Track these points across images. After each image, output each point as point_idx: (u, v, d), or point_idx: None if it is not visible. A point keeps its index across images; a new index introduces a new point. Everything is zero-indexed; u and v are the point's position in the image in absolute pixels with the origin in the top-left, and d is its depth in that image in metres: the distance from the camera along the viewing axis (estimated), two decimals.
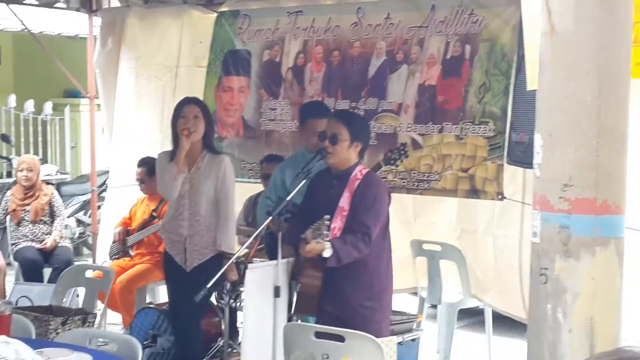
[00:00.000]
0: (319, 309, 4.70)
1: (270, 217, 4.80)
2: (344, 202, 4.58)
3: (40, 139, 11.30)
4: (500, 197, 5.93)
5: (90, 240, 9.25)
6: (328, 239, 4.33)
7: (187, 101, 5.54)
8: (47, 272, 7.59)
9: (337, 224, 4.53)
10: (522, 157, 5.50)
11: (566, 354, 3.42)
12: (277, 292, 4.71)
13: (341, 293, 4.61)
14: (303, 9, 6.86)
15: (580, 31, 3.36)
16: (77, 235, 10.20)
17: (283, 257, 4.73)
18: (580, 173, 3.40)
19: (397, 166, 6.07)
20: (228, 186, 5.46)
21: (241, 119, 7.21)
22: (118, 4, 7.89)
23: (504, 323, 6.76)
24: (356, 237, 4.47)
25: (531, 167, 4.02)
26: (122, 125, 7.77)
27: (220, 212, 5.43)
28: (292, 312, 4.96)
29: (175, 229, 5.49)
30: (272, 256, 5.33)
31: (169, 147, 5.63)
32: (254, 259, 5.71)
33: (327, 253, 4.38)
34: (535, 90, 3.68)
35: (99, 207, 8.39)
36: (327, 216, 4.31)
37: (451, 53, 6.15)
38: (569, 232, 3.42)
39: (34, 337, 4.23)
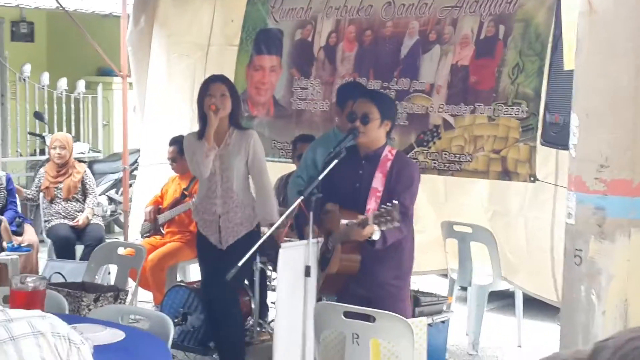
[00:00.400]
0: (344, 288, 4.69)
1: (302, 197, 4.80)
2: (377, 183, 4.57)
3: (72, 117, 11.37)
4: (532, 179, 5.89)
5: (121, 218, 9.31)
6: (397, 224, 4.26)
7: (214, 79, 5.53)
8: (79, 249, 7.66)
9: (372, 205, 4.52)
10: (556, 138, 5.46)
11: (599, 336, 3.39)
12: (307, 272, 4.71)
13: (371, 273, 4.60)
14: None
15: (619, 11, 3.32)
16: (108, 213, 10.28)
17: (313, 237, 4.72)
18: (616, 154, 3.36)
19: (429, 148, 6.05)
20: (260, 159, 5.46)
21: (272, 98, 7.21)
22: None
23: (534, 306, 6.73)
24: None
25: (565, 149, 3.99)
26: (154, 103, 7.80)
27: (257, 185, 5.45)
28: (318, 292, 4.97)
29: (209, 207, 5.50)
30: (302, 236, 5.34)
31: (197, 126, 5.63)
32: (285, 239, 5.72)
33: (377, 235, 4.36)
34: (571, 70, 3.63)
35: (130, 185, 8.44)
36: (396, 201, 4.26)
37: (485, 33, 6.10)
38: (604, 214, 3.39)
39: (67, 312, 4.28)
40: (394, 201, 4.24)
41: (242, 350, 5.69)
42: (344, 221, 4.53)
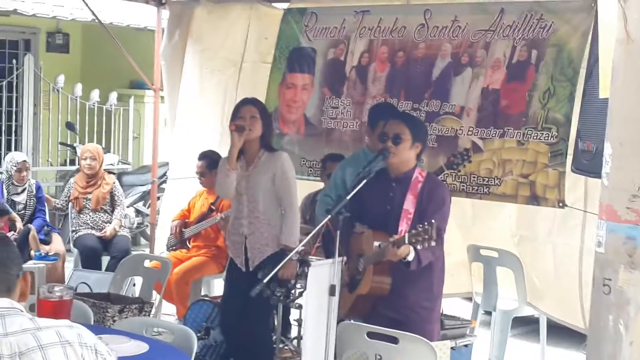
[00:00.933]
0: (372, 311, 4.67)
1: (329, 216, 4.80)
2: (409, 204, 4.56)
3: (103, 128, 11.47)
4: (561, 204, 5.86)
5: (148, 231, 9.36)
6: (434, 244, 4.24)
7: (245, 102, 5.53)
8: (105, 260, 7.70)
9: (404, 226, 4.50)
10: (588, 166, 5.42)
11: None
12: (332, 291, 4.70)
13: (402, 295, 4.58)
14: (370, 8, 6.84)
15: None
16: (135, 225, 10.33)
17: (340, 256, 4.72)
18: None
19: (459, 171, 6.04)
20: (288, 180, 5.44)
21: (303, 117, 7.23)
22: None
23: (558, 333, 6.68)
24: None
25: (597, 177, 3.96)
26: (185, 117, 7.84)
27: (283, 206, 5.44)
28: (344, 315, 4.95)
29: (237, 229, 5.51)
30: (329, 254, 5.33)
31: (229, 141, 5.64)
32: (312, 257, 5.72)
33: (411, 256, 4.36)
34: (606, 98, 3.61)
35: (158, 198, 8.48)
36: (434, 220, 4.25)
37: (517, 57, 6.09)
38: (635, 244, 3.35)
39: (92, 323, 4.30)
40: (432, 220, 4.23)
41: None
42: (376, 243, 4.52)
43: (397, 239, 4.31)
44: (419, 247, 4.24)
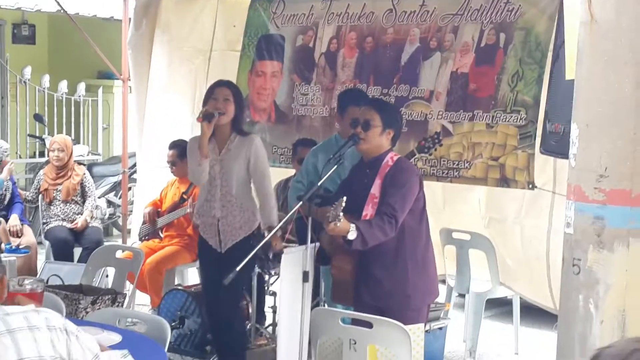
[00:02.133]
0: (355, 298, 4.68)
1: (300, 202, 4.81)
2: (375, 189, 4.55)
3: (72, 119, 11.38)
4: (531, 186, 5.91)
5: (120, 222, 9.32)
6: (342, 220, 4.24)
7: (219, 84, 5.53)
8: (77, 251, 7.66)
9: (369, 211, 4.49)
10: (556, 147, 5.47)
11: (597, 346, 3.37)
12: (305, 277, 4.71)
13: (375, 280, 4.56)
14: None
15: (620, 21, 3.32)
16: (107, 216, 10.28)
17: (312, 242, 4.73)
18: (616, 164, 3.37)
19: (430, 155, 6.06)
20: (261, 164, 5.44)
21: (273, 104, 7.23)
22: None
23: (531, 314, 6.75)
24: (382, 219, 4.40)
25: (565, 158, 3.99)
26: (154, 107, 7.80)
27: (258, 190, 5.46)
28: (331, 299, 4.96)
29: (209, 211, 5.51)
30: (302, 241, 5.34)
31: (199, 130, 5.63)
32: (285, 244, 5.73)
33: (352, 235, 4.33)
34: (572, 80, 3.64)
35: (129, 188, 8.44)
36: (344, 198, 4.24)
37: (485, 41, 6.12)
38: (603, 223, 3.39)
39: (64, 315, 4.27)
40: (341, 198, 4.21)
41: (243, 356, 5.68)
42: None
43: (330, 213, 4.27)
44: (331, 221, 4.21)
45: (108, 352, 2.60)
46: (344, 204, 4.21)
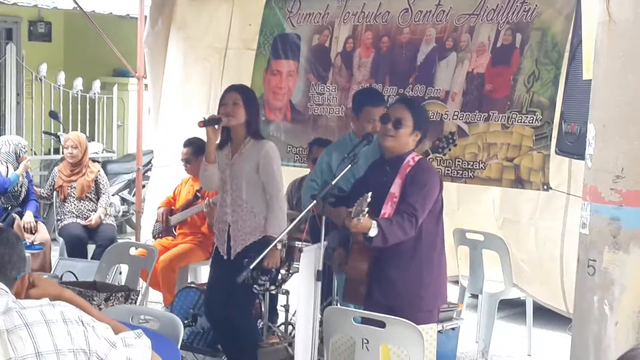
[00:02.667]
0: (367, 297, 4.66)
1: (314, 201, 4.81)
2: (395, 188, 4.53)
3: (87, 117, 11.41)
4: (545, 187, 5.89)
5: (133, 219, 9.34)
6: (366, 215, 4.24)
7: (229, 89, 5.47)
8: (90, 248, 7.68)
9: (387, 209, 4.48)
10: (572, 147, 5.44)
11: (611, 347, 3.37)
12: (318, 276, 4.71)
13: (389, 280, 4.55)
14: None
15: (639, 21, 3.30)
16: (121, 213, 10.31)
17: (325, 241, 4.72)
18: (633, 165, 3.34)
19: (444, 155, 6.04)
20: (272, 169, 5.34)
21: (289, 103, 7.22)
22: None
23: (545, 315, 6.72)
24: (402, 217, 4.40)
25: (580, 158, 3.97)
26: (169, 105, 7.82)
27: (268, 195, 5.36)
28: (342, 299, 4.95)
29: (221, 216, 5.48)
30: (316, 240, 5.33)
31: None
32: (302, 243, 5.71)
33: (373, 232, 4.32)
34: (589, 80, 3.62)
35: (143, 186, 8.46)
36: (369, 193, 4.24)
37: (501, 41, 6.10)
38: (619, 224, 3.37)
39: None
40: (367, 193, 4.20)
41: (254, 355, 5.67)
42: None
43: (353, 209, 4.26)
44: (354, 217, 4.20)
45: (123, 333, 2.60)
46: (369, 199, 4.20)
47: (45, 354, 2.34)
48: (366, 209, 4.19)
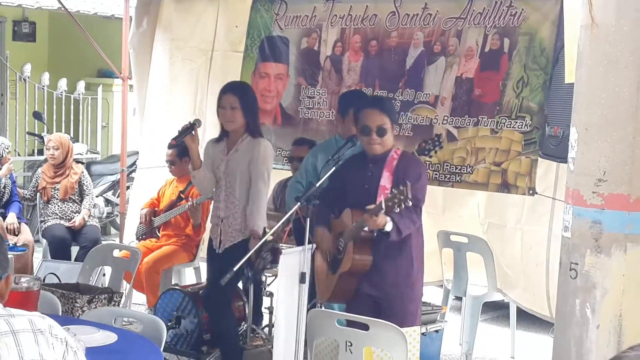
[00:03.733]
0: (355, 292, 4.69)
1: (299, 204, 4.81)
2: (385, 181, 4.60)
3: (72, 117, 11.37)
4: (531, 192, 5.89)
5: (117, 220, 9.30)
6: (410, 203, 4.27)
7: (227, 90, 5.46)
8: (74, 250, 7.64)
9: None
10: (555, 150, 5.46)
11: (593, 350, 3.38)
12: (302, 278, 4.70)
13: (384, 275, 4.61)
14: None
15: (621, 25, 3.31)
16: (105, 214, 10.26)
17: (310, 243, 4.72)
18: (614, 168, 3.35)
19: (430, 157, 6.05)
20: (261, 166, 5.38)
21: (279, 106, 7.20)
22: None
23: (528, 318, 6.73)
24: (409, 209, 4.44)
25: (563, 161, 3.99)
26: (154, 106, 7.78)
27: (252, 193, 5.39)
28: (323, 300, 4.96)
29: (215, 211, 5.55)
30: (301, 242, 5.33)
31: (200, 130, 5.62)
32: (282, 245, 5.73)
33: (389, 227, 4.40)
34: (571, 83, 3.63)
35: (127, 187, 8.43)
36: (407, 182, 4.27)
37: (489, 46, 6.10)
38: (600, 228, 3.38)
39: (60, 313, 4.26)
40: (406, 181, 4.25)
41: (238, 352, 5.67)
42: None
43: (375, 206, 4.33)
44: (396, 209, 4.24)
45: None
46: (409, 188, 4.25)
47: None
48: (409, 196, 4.21)
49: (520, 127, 5.92)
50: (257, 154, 5.38)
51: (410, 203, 4.27)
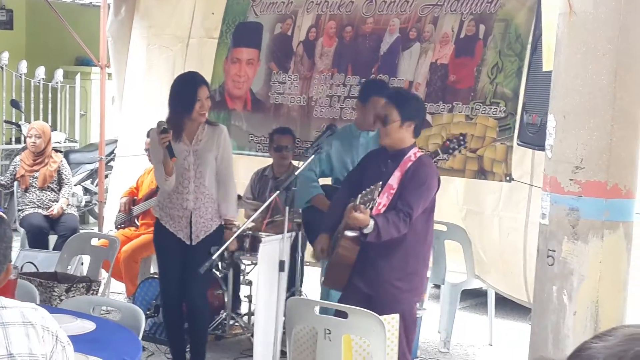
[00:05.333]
0: (348, 283, 4.68)
1: (277, 192, 4.83)
2: (394, 180, 4.56)
3: (50, 106, 11.29)
4: (508, 178, 5.92)
5: (96, 209, 9.26)
6: (371, 205, 4.28)
7: (201, 83, 5.36)
8: (52, 239, 7.60)
9: (383, 200, 4.51)
10: (533, 138, 5.47)
11: (570, 336, 3.41)
12: (281, 267, 4.71)
13: (373, 269, 4.58)
14: None
15: (599, 12, 3.32)
16: (83, 203, 10.22)
17: (291, 231, 4.73)
18: (592, 156, 3.37)
19: (454, 156, 6.05)
20: (228, 155, 5.44)
21: (249, 92, 7.18)
22: None
23: (506, 305, 6.77)
24: (398, 216, 4.44)
25: (542, 149, 4.00)
26: (132, 94, 7.75)
27: (222, 182, 5.40)
28: (321, 282, 4.97)
29: (180, 203, 5.36)
30: (308, 231, 5.34)
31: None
32: (261, 233, 5.73)
33: (369, 229, 4.36)
34: (550, 71, 3.64)
35: (106, 176, 8.39)
36: (380, 182, 4.28)
37: (465, 32, 6.11)
38: (578, 215, 3.40)
39: (38, 302, 4.24)
40: (378, 182, 4.25)
41: (205, 344, 5.63)
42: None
43: (354, 200, 4.32)
44: (369, 206, 4.24)
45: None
46: (380, 189, 4.22)
47: (17, 357, 2.30)
48: (376, 198, 4.21)
49: (494, 113, 5.94)
50: (222, 141, 5.38)
51: (374, 204, 4.25)
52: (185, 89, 5.33)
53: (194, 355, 5.51)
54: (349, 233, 4.58)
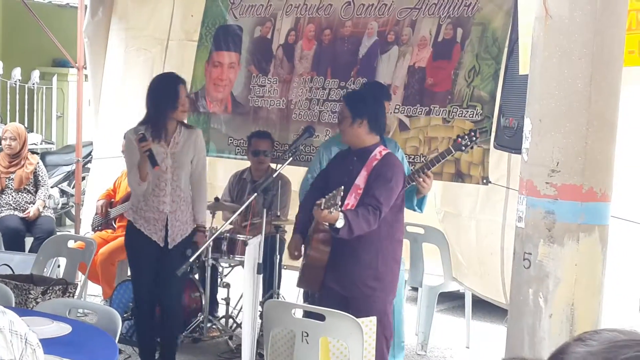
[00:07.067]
0: (322, 285, 4.70)
1: (255, 194, 4.84)
2: (360, 180, 4.60)
3: (26, 107, 11.22)
4: (485, 181, 5.95)
5: (72, 211, 9.21)
6: (340, 209, 4.30)
7: (179, 82, 5.35)
8: (28, 241, 7.56)
9: (351, 200, 4.54)
10: (510, 141, 5.50)
11: (545, 339, 3.43)
12: (259, 269, 4.71)
13: (345, 270, 4.61)
14: None
15: (575, 17, 3.35)
16: (60, 205, 10.16)
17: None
18: (568, 159, 3.39)
19: (467, 153, 6.03)
20: (203, 159, 5.49)
21: (230, 95, 7.18)
22: None
23: (484, 308, 6.80)
24: (367, 210, 4.46)
25: (518, 153, 4.02)
26: (109, 96, 7.72)
27: (196, 185, 5.42)
28: (296, 284, 4.97)
29: (156, 205, 5.34)
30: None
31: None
32: (239, 236, 5.73)
33: (340, 223, 4.37)
34: (526, 75, 3.66)
35: (83, 178, 8.34)
36: (342, 187, 4.31)
37: (442, 36, 6.14)
38: (553, 218, 3.42)
39: (13, 305, 4.22)
40: (340, 187, 4.28)
41: (175, 348, 5.61)
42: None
43: (320, 202, 4.31)
44: (332, 210, 4.25)
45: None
46: (342, 193, 4.24)
47: None
48: (339, 202, 4.23)
49: (471, 116, 5.97)
50: (198, 144, 5.40)
51: (339, 208, 4.27)
52: (167, 86, 5.34)
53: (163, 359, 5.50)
54: (319, 235, 4.60)
